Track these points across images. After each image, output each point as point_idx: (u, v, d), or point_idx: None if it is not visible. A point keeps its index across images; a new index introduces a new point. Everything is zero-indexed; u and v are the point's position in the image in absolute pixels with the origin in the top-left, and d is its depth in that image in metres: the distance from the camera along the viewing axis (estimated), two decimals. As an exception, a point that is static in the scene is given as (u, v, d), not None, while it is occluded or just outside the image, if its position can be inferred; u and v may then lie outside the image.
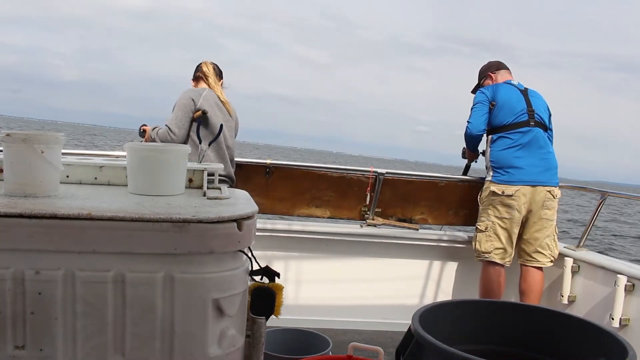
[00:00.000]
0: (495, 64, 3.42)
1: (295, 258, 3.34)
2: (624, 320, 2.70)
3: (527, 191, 3.06)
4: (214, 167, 1.69)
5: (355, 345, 1.95)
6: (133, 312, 1.16)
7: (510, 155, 3.11)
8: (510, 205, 3.07)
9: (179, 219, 1.16)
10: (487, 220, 3.15)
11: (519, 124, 3.13)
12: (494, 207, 3.12)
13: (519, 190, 3.05)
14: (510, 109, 3.16)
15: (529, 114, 3.15)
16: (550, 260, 3.13)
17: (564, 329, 1.54)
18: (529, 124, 3.13)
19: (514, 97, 3.19)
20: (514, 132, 3.13)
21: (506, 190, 3.07)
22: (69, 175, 1.59)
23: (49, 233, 1.12)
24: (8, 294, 1.11)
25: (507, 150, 3.12)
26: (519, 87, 3.26)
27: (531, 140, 3.11)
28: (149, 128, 3.02)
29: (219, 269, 1.22)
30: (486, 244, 3.14)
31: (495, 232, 3.12)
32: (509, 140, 3.13)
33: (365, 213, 3.45)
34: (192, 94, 2.91)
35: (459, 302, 1.73)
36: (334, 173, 3.41)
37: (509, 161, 3.10)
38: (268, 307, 1.38)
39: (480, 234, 3.18)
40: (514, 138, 3.12)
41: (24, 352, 1.14)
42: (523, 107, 3.16)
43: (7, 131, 1.28)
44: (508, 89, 3.24)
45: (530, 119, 3.14)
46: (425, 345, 1.30)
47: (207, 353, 1.21)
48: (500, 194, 3.09)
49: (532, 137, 3.12)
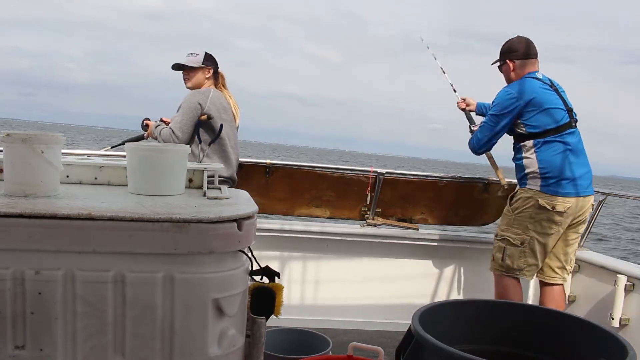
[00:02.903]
0: (522, 50, 2.88)
1: (295, 258, 3.34)
2: (624, 320, 2.70)
3: (577, 204, 2.71)
4: (214, 167, 1.69)
5: (355, 345, 1.94)
6: (133, 312, 1.16)
7: (564, 162, 2.70)
8: (558, 222, 2.71)
9: (179, 219, 1.16)
10: (524, 234, 2.75)
11: (565, 125, 2.74)
12: (538, 222, 2.72)
13: (571, 206, 2.69)
14: (552, 109, 2.74)
15: (569, 113, 2.77)
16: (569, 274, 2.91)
17: (564, 329, 1.54)
18: (572, 125, 2.76)
19: (550, 94, 2.77)
20: (563, 134, 2.73)
21: (558, 206, 2.68)
22: (69, 175, 1.59)
23: (49, 233, 1.12)
24: (8, 294, 1.11)
25: (560, 155, 2.71)
26: (545, 80, 2.84)
27: (577, 144, 2.76)
28: (152, 123, 3.00)
29: (219, 269, 1.22)
30: (520, 260, 2.76)
31: (532, 248, 2.75)
32: (560, 144, 2.71)
33: (365, 213, 3.45)
34: (199, 97, 2.87)
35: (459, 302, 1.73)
36: (334, 173, 3.41)
37: (564, 169, 2.69)
38: (268, 307, 1.38)
39: (512, 249, 2.77)
40: (566, 141, 2.72)
41: (24, 352, 1.14)
42: (562, 106, 2.77)
43: (7, 131, 1.28)
44: (538, 85, 2.79)
45: (571, 120, 2.77)
46: (425, 345, 1.30)
47: (207, 353, 1.21)
48: (550, 209, 2.68)
49: (578, 140, 2.77)
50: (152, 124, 2.99)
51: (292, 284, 3.31)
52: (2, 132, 1.27)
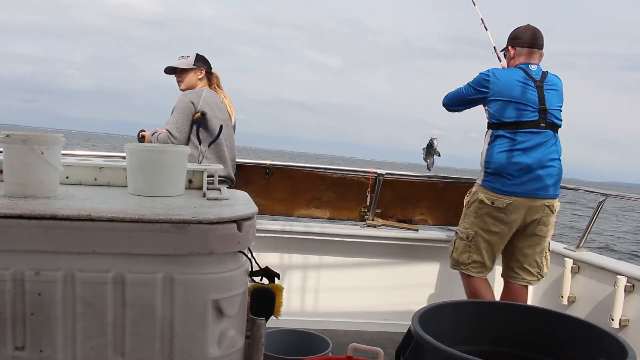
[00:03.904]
0: (523, 38, 2.81)
1: (295, 259, 3.33)
2: (623, 320, 2.69)
3: (523, 204, 2.65)
4: (213, 168, 1.69)
5: (355, 346, 1.94)
6: (133, 313, 1.16)
7: (509, 159, 2.66)
8: (500, 219, 2.67)
9: (178, 219, 1.16)
10: (470, 228, 2.77)
11: (528, 123, 2.66)
12: (480, 218, 2.73)
13: (512, 203, 2.64)
14: (518, 104, 2.67)
15: (541, 112, 2.67)
16: (537, 279, 2.82)
17: (564, 330, 1.54)
18: (539, 125, 2.66)
19: (526, 89, 2.68)
20: (520, 131, 2.66)
21: (497, 201, 2.66)
22: (68, 176, 1.59)
23: (49, 234, 1.12)
24: (8, 295, 1.11)
25: (506, 152, 2.67)
26: (536, 75, 2.74)
27: (538, 145, 2.66)
28: (147, 133, 3.01)
29: (218, 269, 1.21)
30: (463, 254, 2.80)
31: (476, 244, 2.75)
32: (510, 141, 2.66)
33: (365, 214, 3.45)
34: (191, 96, 2.90)
35: (458, 302, 1.73)
36: (333, 174, 3.41)
37: (506, 166, 2.66)
38: (268, 308, 1.38)
39: (460, 242, 2.82)
40: (518, 139, 2.66)
41: (24, 352, 1.14)
42: (535, 103, 2.67)
43: (7, 132, 1.28)
44: (520, 77, 2.72)
45: (541, 120, 2.66)
46: (425, 346, 1.30)
47: (206, 354, 1.21)
48: (490, 204, 2.68)
49: (540, 140, 2.67)
50: (148, 134, 3.00)
51: (292, 284, 3.31)
52: (2, 133, 1.27)
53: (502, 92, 2.71)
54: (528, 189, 2.65)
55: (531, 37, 2.81)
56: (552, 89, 2.75)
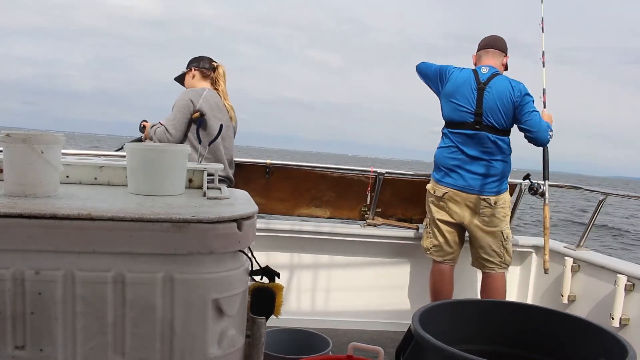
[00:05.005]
0: (481, 43, 3.03)
1: (295, 258, 3.34)
2: (624, 319, 2.70)
3: (459, 197, 2.91)
4: (213, 167, 1.69)
5: (355, 345, 1.95)
6: (133, 312, 1.16)
7: (445, 156, 2.95)
8: (441, 207, 2.98)
9: (178, 219, 1.16)
10: (428, 216, 3.09)
11: (463, 124, 2.88)
12: (429, 205, 3.06)
13: (448, 193, 2.93)
14: (456, 106, 2.88)
15: (476, 115, 2.83)
16: (501, 267, 2.98)
17: (564, 329, 1.55)
18: (474, 127, 2.84)
19: (466, 91, 2.85)
20: (456, 132, 2.90)
21: (437, 190, 2.98)
22: (69, 175, 1.59)
23: (49, 233, 1.12)
24: (8, 294, 1.11)
25: (444, 149, 2.96)
26: (482, 77, 2.87)
27: (473, 145, 2.87)
28: (148, 124, 3.02)
29: (218, 269, 1.22)
30: (426, 240, 3.09)
31: (432, 229, 3.06)
32: (448, 140, 2.94)
33: (366, 213, 3.45)
34: (191, 94, 2.89)
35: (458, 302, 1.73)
36: (334, 173, 3.41)
37: (443, 161, 2.96)
38: (268, 307, 1.38)
39: (424, 230, 3.14)
40: (454, 139, 2.91)
41: (24, 352, 1.14)
42: (471, 106, 2.84)
43: (7, 131, 1.28)
44: (467, 78, 2.88)
45: (475, 122, 2.84)
46: (425, 345, 1.30)
47: (207, 353, 1.21)
48: (432, 192, 3.01)
49: (475, 141, 2.86)
50: (148, 125, 3.01)
51: (292, 284, 3.31)
52: (2, 133, 1.27)
53: (448, 92, 2.94)
54: (461, 184, 2.91)
55: (485, 42, 3.02)
56: (492, 92, 2.82)
